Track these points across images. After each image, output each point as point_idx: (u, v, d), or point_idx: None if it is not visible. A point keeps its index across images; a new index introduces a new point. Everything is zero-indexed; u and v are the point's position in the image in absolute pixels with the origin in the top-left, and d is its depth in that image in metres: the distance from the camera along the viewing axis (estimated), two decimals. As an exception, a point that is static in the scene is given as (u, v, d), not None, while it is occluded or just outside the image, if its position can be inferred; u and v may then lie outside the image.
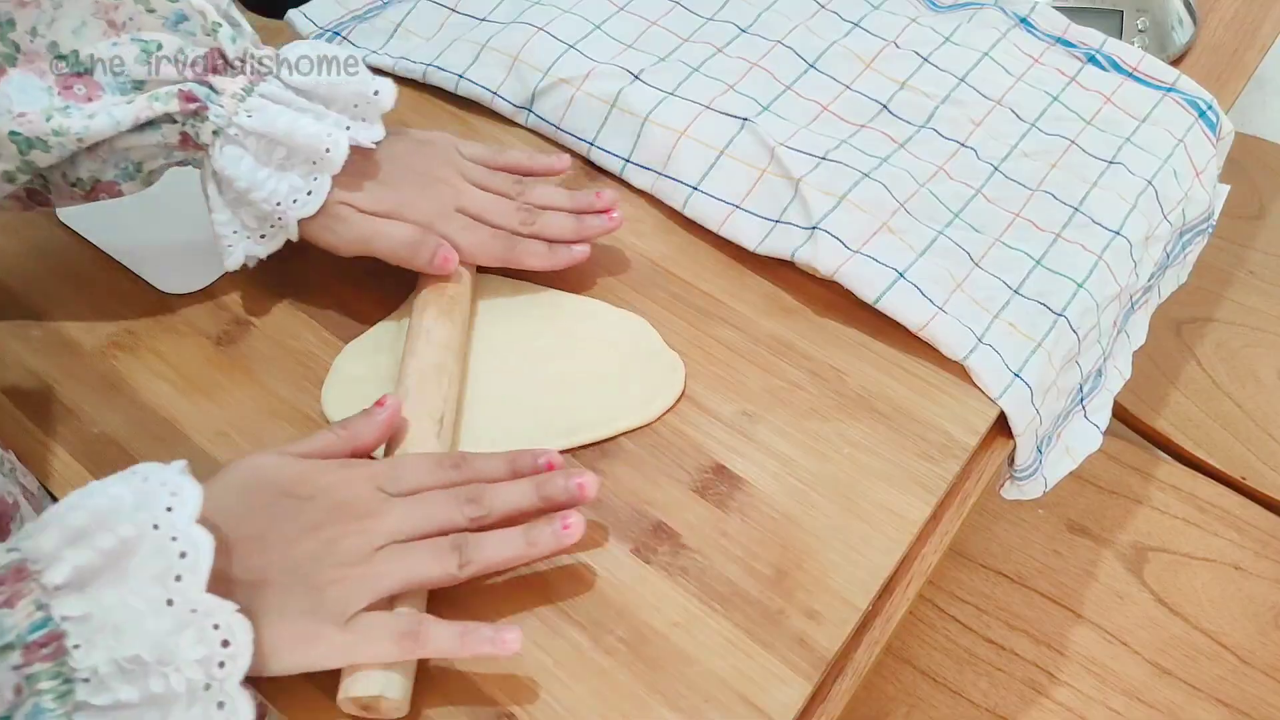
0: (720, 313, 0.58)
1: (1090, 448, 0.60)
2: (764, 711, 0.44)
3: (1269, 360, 0.93)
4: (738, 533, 0.49)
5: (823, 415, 0.54)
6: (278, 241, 0.54)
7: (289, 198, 0.52)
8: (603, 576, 0.48)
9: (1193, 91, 0.67)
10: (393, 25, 0.73)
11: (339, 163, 0.52)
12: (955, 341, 0.54)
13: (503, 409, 0.54)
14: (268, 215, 0.53)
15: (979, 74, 0.67)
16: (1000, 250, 0.58)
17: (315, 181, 0.52)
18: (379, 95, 0.53)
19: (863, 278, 0.56)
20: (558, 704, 0.44)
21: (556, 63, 0.66)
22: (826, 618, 0.46)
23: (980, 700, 0.72)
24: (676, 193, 0.62)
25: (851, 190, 0.58)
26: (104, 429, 0.53)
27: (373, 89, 0.53)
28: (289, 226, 0.53)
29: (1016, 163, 0.63)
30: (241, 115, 0.50)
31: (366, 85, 0.53)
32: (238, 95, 0.50)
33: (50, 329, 0.57)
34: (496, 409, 0.53)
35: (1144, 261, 0.61)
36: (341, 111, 0.53)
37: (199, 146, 0.51)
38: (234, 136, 0.51)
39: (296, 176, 0.52)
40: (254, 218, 0.53)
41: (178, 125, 0.50)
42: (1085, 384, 0.60)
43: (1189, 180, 0.64)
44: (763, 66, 0.67)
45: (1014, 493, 0.59)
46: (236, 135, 0.51)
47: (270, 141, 0.51)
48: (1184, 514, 0.82)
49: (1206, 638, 0.75)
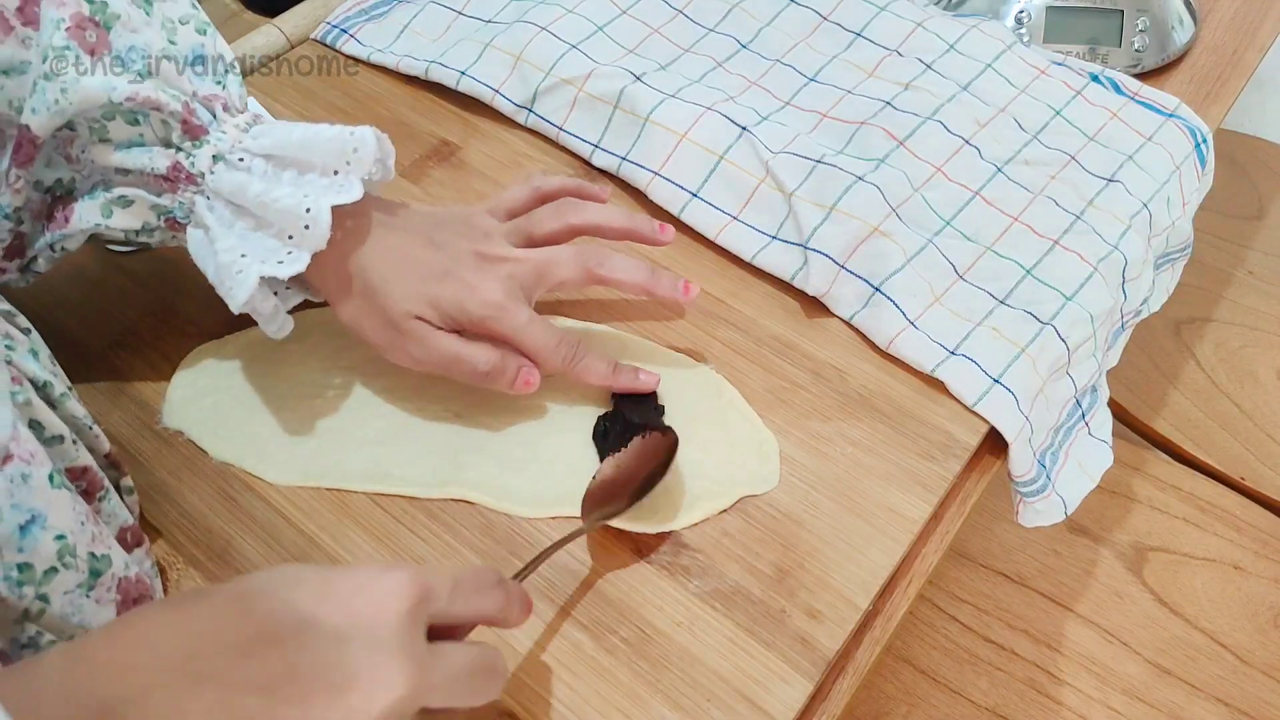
0: (722, 313, 0.58)
1: (1104, 464, 0.59)
2: (765, 710, 0.44)
3: (1268, 360, 0.93)
4: (739, 532, 0.49)
5: (824, 415, 0.54)
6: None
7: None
8: (604, 576, 0.48)
9: (1192, 121, 0.67)
10: (400, 26, 0.73)
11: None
12: (922, 356, 0.55)
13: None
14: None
15: (982, 83, 0.67)
16: (990, 260, 0.58)
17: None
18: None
19: (843, 298, 0.57)
20: (559, 703, 0.44)
21: (558, 62, 0.66)
22: (827, 617, 0.46)
23: (980, 700, 0.72)
24: (675, 197, 0.62)
25: (842, 198, 0.58)
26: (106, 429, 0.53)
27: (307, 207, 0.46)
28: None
29: (1018, 168, 0.63)
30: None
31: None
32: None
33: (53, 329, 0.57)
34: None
35: (1136, 281, 0.61)
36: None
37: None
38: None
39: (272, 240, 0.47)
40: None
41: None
42: (1083, 399, 0.60)
43: (1178, 209, 0.65)
44: (762, 85, 0.67)
45: (1032, 517, 0.57)
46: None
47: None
48: (1183, 514, 0.82)
49: (1206, 637, 0.75)
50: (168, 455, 0.52)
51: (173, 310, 0.58)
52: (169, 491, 0.51)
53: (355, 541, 0.49)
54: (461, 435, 0.52)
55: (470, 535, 0.49)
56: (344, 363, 0.55)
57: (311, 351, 0.56)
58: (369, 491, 0.51)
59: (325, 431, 0.53)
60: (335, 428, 0.53)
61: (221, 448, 0.52)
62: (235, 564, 0.49)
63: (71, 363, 0.56)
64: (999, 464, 0.54)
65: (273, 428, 0.53)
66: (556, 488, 0.50)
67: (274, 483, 0.51)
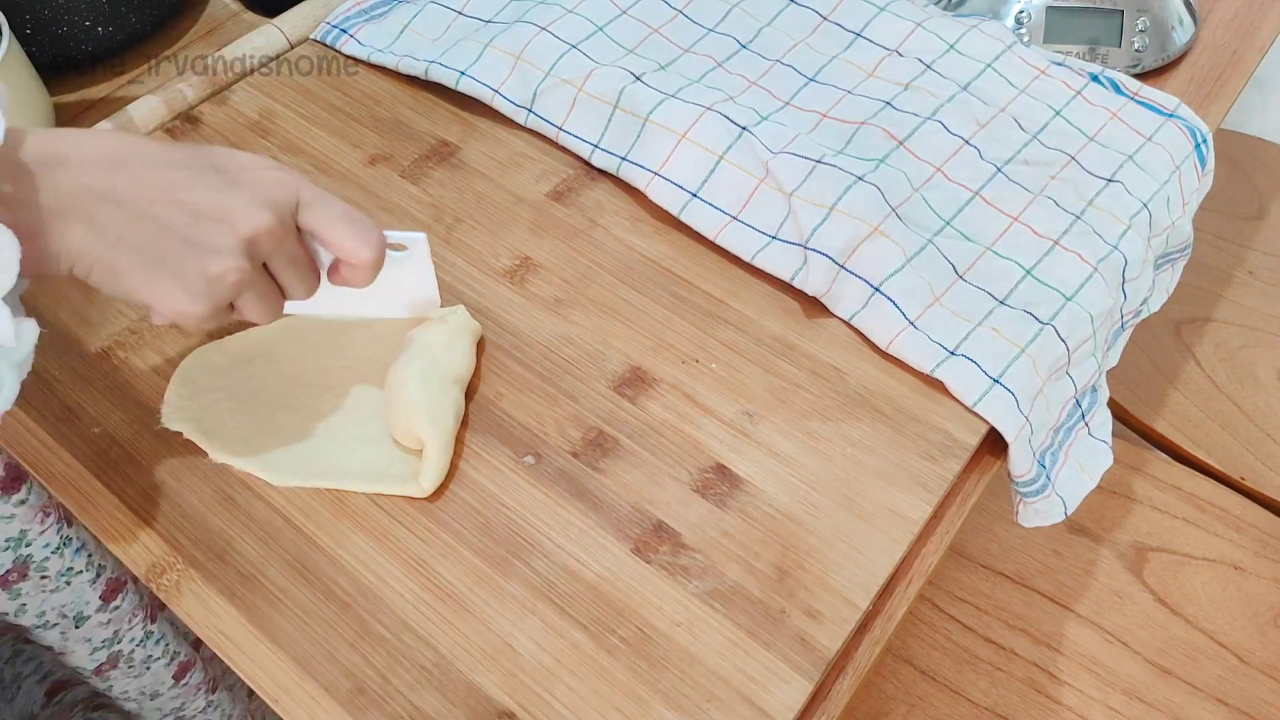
0: (722, 313, 0.58)
1: (1104, 464, 0.59)
2: (765, 710, 0.44)
3: (1268, 360, 0.93)
4: (739, 532, 0.49)
5: (824, 415, 0.54)
6: None
7: None
8: (604, 576, 0.48)
9: (1192, 121, 0.67)
10: (400, 26, 0.73)
11: None
12: (922, 356, 0.55)
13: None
14: None
15: (982, 83, 0.67)
16: (989, 260, 0.58)
17: None
18: None
19: (843, 298, 0.57)
20: (559, 703, 0.44)
21: (558, 62, 0.66)
22: (827, 617, 0.46)
23: (980, 700, 0.72)
24: (675, 197, 0.62)
25: (842, 197, 0.58)
26: (106, 429, 0.53)
27: None
28: None
29: (1018, 168, 0.63)
30: None
31: None
32: None
33: (53, 328, 0.57)
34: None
35: (1136, 282, 0.61)
36: None
37: None
38: None
39: None
40: None
41: None
42: (1083, 399, 0.60)
43: (1178, 210, 0.65)
44: (762, 86, 0.67)
45: (1032, 517, 0.58)
46: None
47: None
48: (1184, 514, 0.82)
49: (1206, 637, 0.75)
50: (168, 455, 0.52)
51: (172, 310, 0.58)
52: (169, 491, 0.51)
53: (354, 541, 0.49)
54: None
55: (470, 535, 0.49)
56: (343, 362, 0.55)
57: (311, 351, 0.56)
58: (368, 491, 0.51)
59: (324, 431, 0.53)
60: (334, 428, 0.53)
61: (221, 448, 0.52)
62: (235, 564, 0.49)
63: (71, 363, 0.56)
64: (999, 464, 0.54)
65: (272, 428, 0.53)
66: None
67: (273, 483, 0.51)
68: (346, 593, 0.48)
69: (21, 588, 0.52)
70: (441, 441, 0.50)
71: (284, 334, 0.57)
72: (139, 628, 0.58)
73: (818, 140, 0.63)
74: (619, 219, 0.63)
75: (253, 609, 0.47)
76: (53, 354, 0.56)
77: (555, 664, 0.45)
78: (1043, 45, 0.73)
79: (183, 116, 0.69)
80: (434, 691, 0.44)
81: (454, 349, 0.54)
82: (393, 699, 0.44)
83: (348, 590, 0.48)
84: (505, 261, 0.61)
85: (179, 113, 0.69)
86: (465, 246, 0.61)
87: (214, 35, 0.78)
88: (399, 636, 0.46)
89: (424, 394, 0.51)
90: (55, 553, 0.53)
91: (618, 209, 0.63)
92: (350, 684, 0.45)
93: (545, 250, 0.61)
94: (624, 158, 0.63)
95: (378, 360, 0.55)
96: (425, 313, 0.55)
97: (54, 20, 0.70)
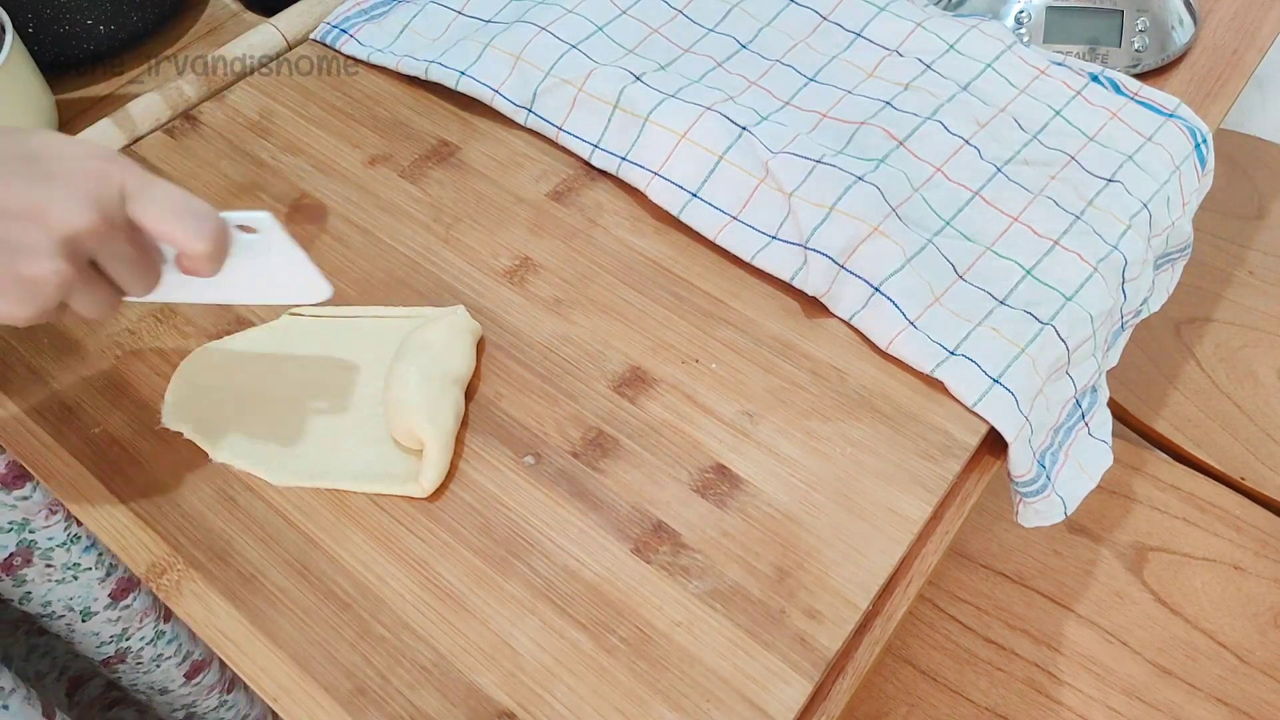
0: (722, 313, 0.58)
1: (1104, 464, 0.59)
2: (765, 710, 0.44)
3: (1268, 360, 0.93)
4: (739, 532, 0.49)
5: (823, 415, 0.54)
6: None
7: None
8: (604, 576, 0.48)
9: (1192, 121, 0.67)
10: (400, 26, 0.73)
11: None
12: (922, 356, 0.55)
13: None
14: None
15: (982, 83, 0.67)
16: (989, 260, 0.58)
17: None
18: None
19: (843, 298, 0.57)
20: (559, 703, 0.44)
21: (558, 62, 0.66)
22: (827, 617, 0.46)
23: (980, 700, 0.72)
24: (675, 197, 0.62)
25: (842, 197, 0.58)
26: (106, 429, 0.53)
27: None
28: None
29: (1018, 168, 0.63)
30: None
31: None
32: None
33: (52, 328, 0.57)
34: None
35: (1136, 282, 0.61)
36: None
37: None
38: None
39: None
40: None
41: None
42: (1083, 399, 0.60)
43: (1178, 210, 0.65)
44: (762, 86, 0.67)
45: (1032, 517, 0.58)
46: None
47: None
48: (1184, 514, 0.82)
49: (1206, 637, 0.75)
50: (168, 455, 0.52)
51: (172, 310, 0.58)
52: (169, 492, 0.51)
53: (355, 541, 0.49)
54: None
55: (470, 535, 0.49)
56: (344, 363, 0.55)
57: (311, 351, 0.56)
58: (368, 491, 0.51)
59: (325, 431, 0.53)
60: (335, 428, 0.53)
61: (221, 448, 0.52)
62: (235, 564, 0.49)
63: (71, 363, 0.56)
64: (999, 464, 0.54)
65: (273, 428, 0.53)
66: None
67: (273, 483, 0.51)
68: (347, 593, 0.48)
69: (26, 573, 0.52)
70: (441, 442, 0.50)
71: (285, 334, 0.57)
72: (150, 627, 0.58)
73: (818, 140, 0.63)
74: (619, 219, 0.63)
75: (253, 609, 0.47)
76: (53, 354, 0.56)
77: (555, 664, 0.45)
78: (1043, 45, 0.73)
79: (183, 116, 0.69)
80: (434, 691, 0.44)
81: (454, 349, 0.54)
82: (393, 699, 0.44)
83: (348, 590, 0.48)
84: (505, 261, 0.61)
85: (179, 112, 0.69)
86: (465, 246, 0.61)
87: (214, 35, 0.78)
88: (399, 636, 0.46)
89: (424, 394, 0.51)
90: (62, 546, 0.53)
91: (618, 209, 0.63)
92: (350, 684, 0.45)
93: (545, 250, 0.61)
94: (624, 158, 0.63)
95: (378, 360, 0.55)
96: (317, 298, 0.48)
97: (56, 19, 0.70)
